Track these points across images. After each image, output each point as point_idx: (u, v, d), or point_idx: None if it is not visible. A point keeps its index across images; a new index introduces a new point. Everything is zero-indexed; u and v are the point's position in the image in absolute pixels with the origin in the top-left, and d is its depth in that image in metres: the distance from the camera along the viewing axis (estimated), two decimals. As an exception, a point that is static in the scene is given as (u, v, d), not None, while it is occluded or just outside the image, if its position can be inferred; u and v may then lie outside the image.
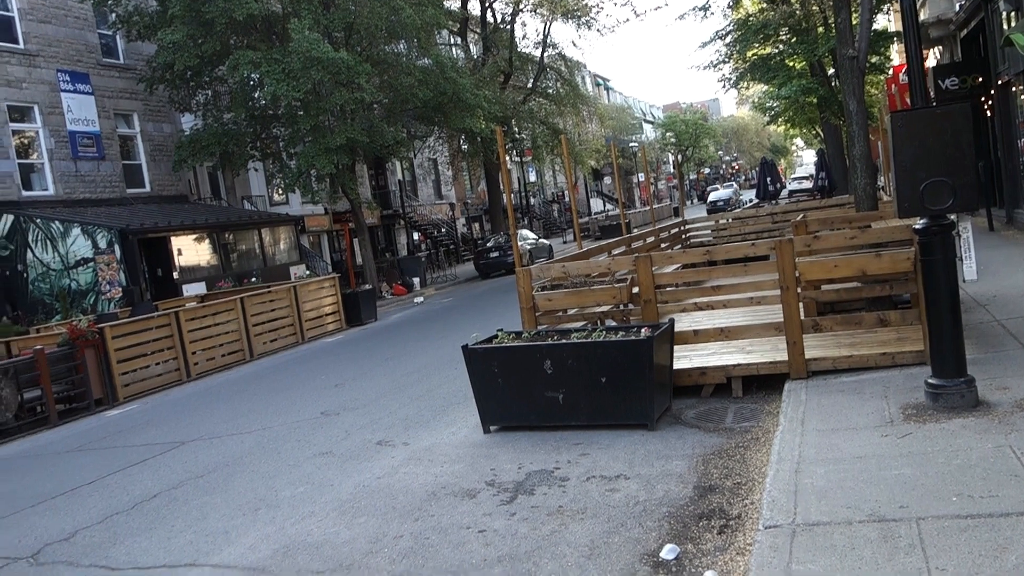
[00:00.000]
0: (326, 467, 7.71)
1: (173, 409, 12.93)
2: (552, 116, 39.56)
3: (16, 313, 21.34)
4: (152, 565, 5.78)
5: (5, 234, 22.56)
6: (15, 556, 6.45)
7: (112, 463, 9.36)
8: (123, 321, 15.95)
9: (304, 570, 5.27)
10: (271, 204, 32.23)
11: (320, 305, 20.54)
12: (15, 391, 12.51)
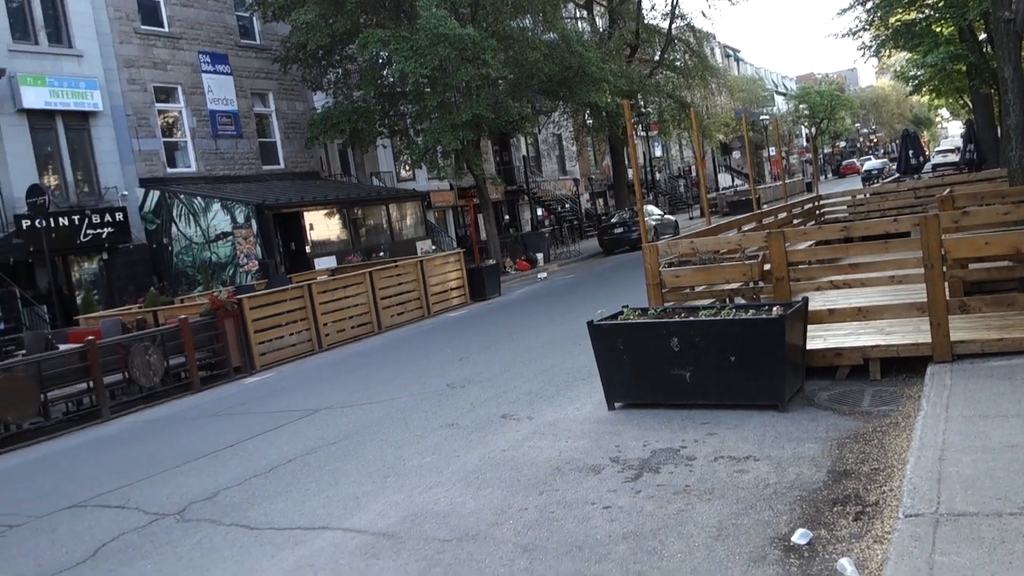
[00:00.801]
0: (452, 438, 7.83)
1: (306, 378, 13.41)
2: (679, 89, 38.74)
3: (162, 284, 22.54)
4: (288, 526, 6.01)
5: (152, 209, 23.83)
6: (164, 512, 6.82)
7: (250, 428, 9.78)
8: (259, 293, 16.62)
9: (431, 538, 5.37)
10: (398, 180, 32.88)
11: (445, 280, 20.85)
12: (162, 358, 13.23)
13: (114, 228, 21.88)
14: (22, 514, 7.46)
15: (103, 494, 7.71)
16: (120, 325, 14.68)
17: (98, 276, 22.83)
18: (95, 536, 6.47)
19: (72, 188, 22.13)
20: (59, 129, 21.79)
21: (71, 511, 7.33)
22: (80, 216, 21.07)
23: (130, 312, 16.99)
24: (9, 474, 9.69)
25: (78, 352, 12.36)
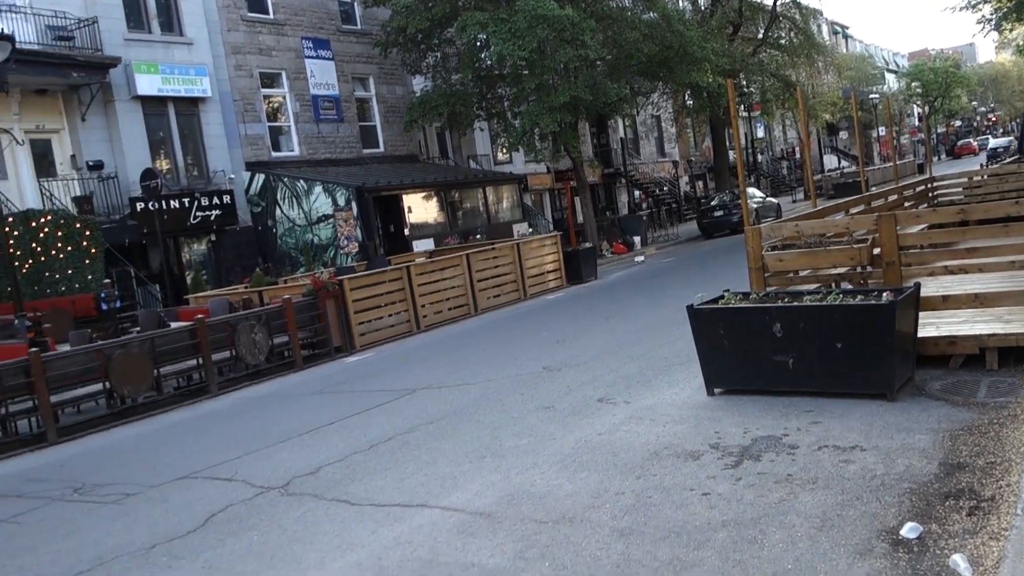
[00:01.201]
0: (548, 421, 7.83)
1: (404, 359, 13.62)
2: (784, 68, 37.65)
3: (267, 265, 23.23)
4: (387, 503, 6.11)
5: (258, 192, 24.53)
6: (269, 486, 7.04)
7: (351, 406, 9.99)
8: (360, 274, 16.94)
9: (528, 519, 5.38)
10: (495, 163, 32.99)
11: (542, 263, 20.85)
12: (267, 336, 13.63)
13: (222, 210, 22.62)
14: (137, 483, 7.81)
15: (212, 467, 8.00)
16: (227, 304, 15.18)
17: (206, 257, 23.67)
18: (205, 507, 6.72)
19: (183, 172, 22.98)
20: (171, 115, 22.63)
21: (182, 482, 7.63)
22: (190, 199, 21.85)
23: (237, 292, 17.57)
24: (125, 445, 10.15)
25: (188, 330, 12.84)
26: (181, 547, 5.86)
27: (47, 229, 18.11)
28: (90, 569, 5.69)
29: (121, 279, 19.61)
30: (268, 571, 5.18)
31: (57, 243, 18.14)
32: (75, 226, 18.41)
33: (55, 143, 21.01)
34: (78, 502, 7.54)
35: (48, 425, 10.84)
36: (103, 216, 20.34)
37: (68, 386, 11.39)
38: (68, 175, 20.65)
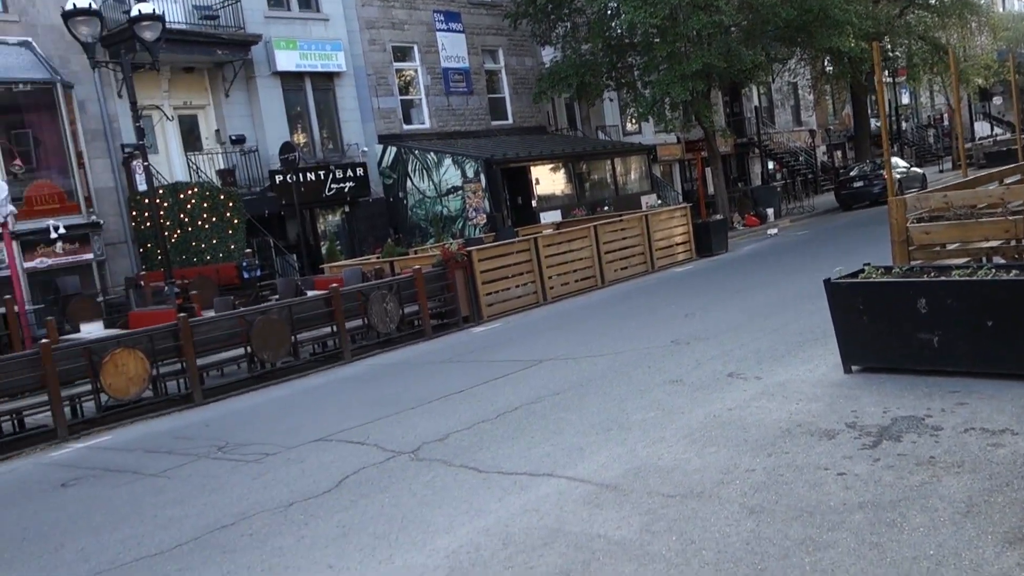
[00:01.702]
0: (676, 394, 7.71)
1: (531, 329, 13.69)
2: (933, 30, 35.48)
3: (398, 236, 23.74)
4: (514, 471, 6.16)
5: (389, 164, 25.06)
6: (400, 451, 7.22)
7: (478, 375, 10.12)
8: (488, 245, 17.09)
9: (655, 492, 5.32)
10: (624, 134, 32.59)
11: (671, 235, 20.51)
12: (398, 306, 13.95)
13: (355, 183, 23.23)
14: (276, 444, 8.16)
15: (345, 430, 8.27)
16: (360, 274, 15.61)
17: (340, 227, 24.40)
18: (339, 468, 6.95)
19: (318, 145, 23.70)
20: (308, 90, 23.34)
21: (317, 444, 7.92)
22: (325, 171, 22.53)
23: (369, 262, 18.05)
24: (265, 407, 10.62)
25: (324, 298, 13.28)
26: (316, 506, 6.09)
27: (194, 201, 19.04)
28: (234, 523, 5.98)
29: (261, 249, 20.46)
30: (399, 533, 5.31)
31: (203, 214, 19.06)
32: (219, 198, 19.28)
33: (201, 118, 22.03)
34: (222, 460, 7.94)
35: (195, 387, 11.45)
36: (245, 188, 21.23)
37: (213, 350, 11.99)
38: (213, 149, 21.64)
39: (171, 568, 5.31)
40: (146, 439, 9.54)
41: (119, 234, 19.81)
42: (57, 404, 10.20)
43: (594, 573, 4.36)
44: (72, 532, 6.40)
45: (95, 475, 8.16)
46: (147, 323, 12.44)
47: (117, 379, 10.58)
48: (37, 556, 5.96)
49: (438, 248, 16.99)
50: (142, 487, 7.41)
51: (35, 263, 17.79)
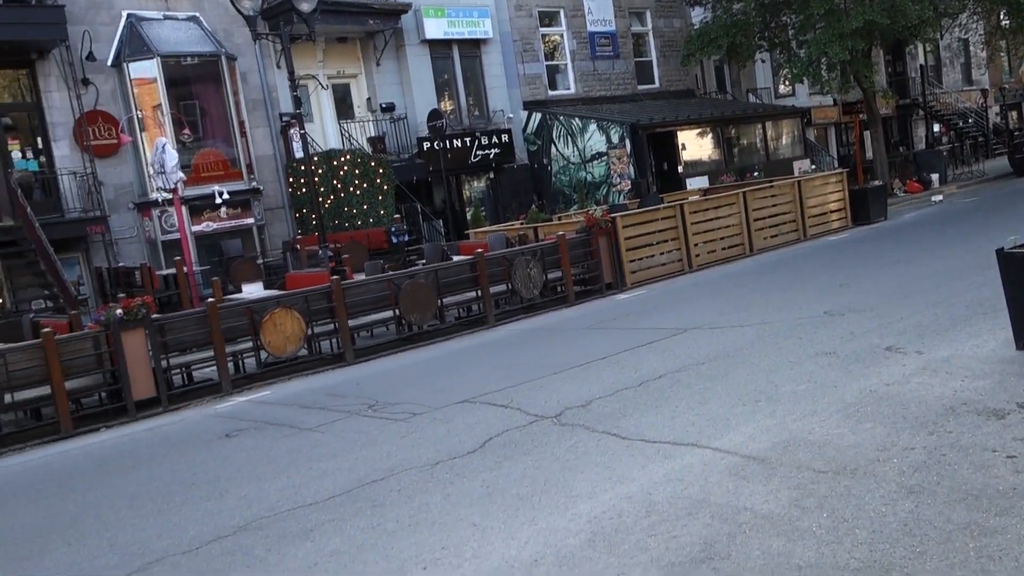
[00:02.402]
0: (829, 367, 7.41)
1: (675, 297, 13.47)
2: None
3: (542, 202, 23.81)
4: (657, 440, 6.09)
5: (534, 130, 25.09)
6: (542, 415, 7.27)
7: (621, 342, 10.05)
8: (632, 212, 16.88)
9: (805, 467, 5.14)
10: (776, 96, 31.42)
11: (824, 201, 19.67)
12: (541, 272, 14.01)
13: (500, 149, 23.41)
14: (423, 404, 8.37)
15: (489, 393, 8.39)
16: (505, 240, 15.75)
17: (485, 193, 24.69)
18: (483, 430, 7.07)
19: (465, 112, 23.97)
20: (455, 57, 23.62)
21: (462, 405, 8.08)
22: (471, 138, 22.81)
23: (513, 228, 18.18)
24: (412, 368, 10.92)
25: (469, 263, 13.48)
26: (462, 466, 6.21)
27: (346, 168, 19.68)
28: (383, 478, 6.19)
29: (409, 214, 20.96)
30: (542, 496, 5.36)
31: (355, 180, 19.68)
32: (370, 164, 19.85)
33: (353, 87, 22.68)
34: (372, 417, 8.22)
35: (346, 347, 11.89)
36: (394, 155, 21.77)
37: (363, 312, 12.40)
38: (364, 117, 22.26)
39: (324, 518, 5.55)
40: (302, 395, 9.99)
41: (277, 200, 20.74)
42: (222, 359, 10.82)
43: (739, 546, 4.26)
44: (236, 480, 6.79)
45: (256, 427, 8.63)
46: (303, 285, 13.00)
47: (275, 337, 11.12)
48: (204, 500, 6.35)
49: (582, 214, 16.92)
50: (299, 440, 7.78)
51: (201, 227, 18.87)
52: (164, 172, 15.39)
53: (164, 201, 17.72)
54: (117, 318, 9.95)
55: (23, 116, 18.92)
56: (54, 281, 16.29)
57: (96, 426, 9.96)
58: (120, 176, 18.95)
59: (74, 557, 5.56)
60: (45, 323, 11.15)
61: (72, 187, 18.26)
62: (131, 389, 10.10)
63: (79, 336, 10.27)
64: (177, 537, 5.62)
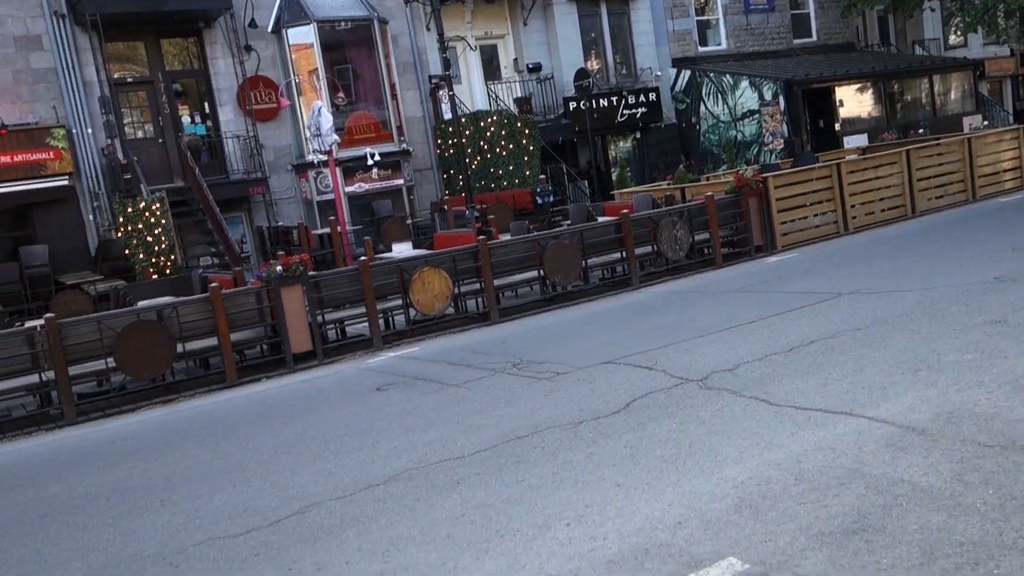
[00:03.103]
0: (998, 336, 6.95)
1: (829, 261, 12.95)
2: None
3: (689, 162, 23.32)
4: (808, 407, 5.91)
5: (683, 89, 24.52)
6: (687, 378, 7.17)
7: (770, 306, 9.76)
8: (785, 172, 16.29)
9: (969, 440, 4.87)
10: (945, 48, 29.45)
11: (997, 160, 18.36)
12: (688, 233, 13.74)
13: (647, 108, 23.02)
14: (566, 364, 8.42)
15: (632, 355, 8.34)
16: (651, 200, 15.53)
17: (631, 154, 24.38)
18: (626, 391, 7.05)
19: (612, 71, 23.68)
20: (602, 14, 23.30)
21: (605, 366, 8.07)
22: (618, 97, 22.52)
23: (659, 188, 17.89)
24: (555, 328, 10.98)
25: (614, 224, 13.37)
26: (605, 426, 6.22)
27: (493, 129, 19.84)
28: (528, 435, 6.27)
29: (554, 175, 20.97)
30: (686, 459, 5.30)
31: (501, 141, 19.82)
32: (516, 125, 19.94)
33: (500, 48, 22.77)
34: (516, 376, 8.33)
35: (491, 306, 12.07)
36: (540, 115, 21.77)
37: (508, 272, 12.54)
38: (511, 78, 22.34)
39: (470, 472, 5.69)
40: (448, 352, 10.24)
41: (425, 161, 21.18)
42: (373, 316, 11.21)
43: (895, 519, 4.08)
44: (386, 431, 7.05)
45: (405, 382, 8.91)
46: (450, 244, 13.26)
47: (424, 295, 11.42)
48: (357, 450, 6.63)
49: (731, 175, 16.46)
50: (445, 396, 7.99)
51: (354, 187, 19.53)
52: (320, 135, 15.98)
53: (319, 163, 18.43)
54: (277, 275, 10.46)
55: (192, 83, 20.02)
56: (220, 239, 17.27)
57: (257, 376, 10.54)
58: (279, 139, 19.81)
59: (239, 498, 5.92)
60: (212, 278, 11.85)
61: (236, 150, 19.24)
62: (289, 342, 10.62)
63: (243, 291, 10.86)
64: (332, 484, 5.89)
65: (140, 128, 19.32)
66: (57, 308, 12.58)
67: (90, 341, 9.69)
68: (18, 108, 17.46)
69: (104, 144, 17.86)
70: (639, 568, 3.98)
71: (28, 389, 9.95)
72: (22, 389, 9.90)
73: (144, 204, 16.24)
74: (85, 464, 7.66)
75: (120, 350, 9.65)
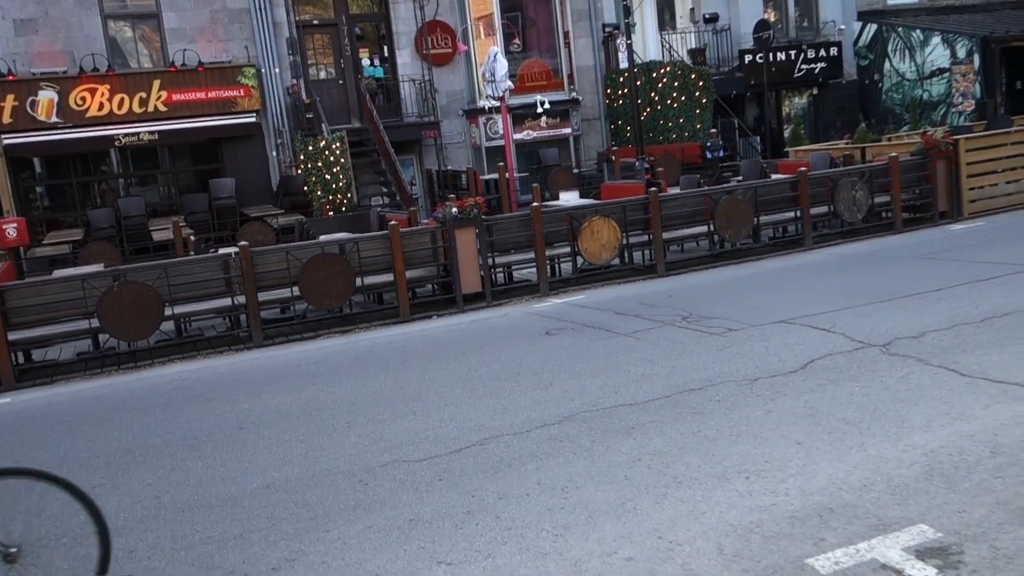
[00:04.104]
0: None
1: (1022, 232, 12.15)
2: None
3: (869, 121, 22.20)
4: (1004, 380, 5.63)
5: (867, 43, 23.27)
6: (868, 343, 6.96)
7: (957, 275, 9.28)
8: (978, 135, 15.28)
9: None
10: None
11: None
12: (867, 195, 13.16)
13: (827, 63, 22.02)
14: (738, 320, 8.32)
15: (808, 316, 8.14)
16: (829, 159, 14.93)
17: (805, 111, 23.44)
18: (803, 351, 6.91)
19: (792, 23, 22.74)
20: (786, -37, 22.31)
21: (780, 325, 7.92)
22: (796, 51, 21.64)
23: (837, 147, 17.16)
24: (724, 284, 10.83)
25: (789, 182, 12.97)
26: (782, 384, 6.14)
27: (665, 80, 19.50)
28: (701, 388, 6.28)
29: (724, 130, 20.45)
30: (870, 423, 5.18)
31: (672, 93, 19.47)
32: (690, 77, 19.50)
33: (677, -3, 22.24)
34: (686, 329, 8.31)
35: (659, 259, 12.00)
36: (713, 68, 21.20)
37: (677, 226, 12.41)
38: (686, 28, 21.83)
39: (646, 418, 5.76)
40: (615, 302, 10.28)
41: (594, 110, 21.09)
42: (542, 262, 11.38)
43: (1106, 503, 3.89)
44: (558, 374, 7.20)
45: (573, 328, 9.04)
46: (617, 195, 13.23)
47: (592, 244, 11.48)
48: (531, 389, 6.82)
49: (917, 135, 15.58)
50: (615, 344, 8.06)
51: (522, 135, 19.71)
52: (494, 80, 16.17)
53: (491, 109, 18.67)
54: (453, 216, 10.76)
55: (371, 26, 20.62)
56: (393, 180, 17.87)
57: (428, 314, 10.94)
58: (452, 84, 20.17)
59: (419, 426, 6.22)
60: (389, 217, 12.31)
61: (411, 93, 19.75)
62: (460, 283, 10.95)
63: (419, 231, 11.25)
64: (508, 419, 6.10)
65: (322, 69, 20.11)
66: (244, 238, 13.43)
67: (277, 270, 10.31)
68: (213, 47, 18.49)
69: (289, 84, 18.70)
70: (823, 526, 3.96)
71: (220, 311, 10.73)
72: (215, 311, 10.70)
73: (324, 143, 16.95)
74: (273, 384, 8.22)
75: (304, 280, 10.22)
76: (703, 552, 3.87)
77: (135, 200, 17.51)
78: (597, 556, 3.95)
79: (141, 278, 9.79)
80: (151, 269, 10.08)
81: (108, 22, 18.15)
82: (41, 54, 17.42)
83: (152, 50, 18.69)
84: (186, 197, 18.26)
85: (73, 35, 17.61)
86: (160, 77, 17.74)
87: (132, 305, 9.57)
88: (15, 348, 9.66)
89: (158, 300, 9.72)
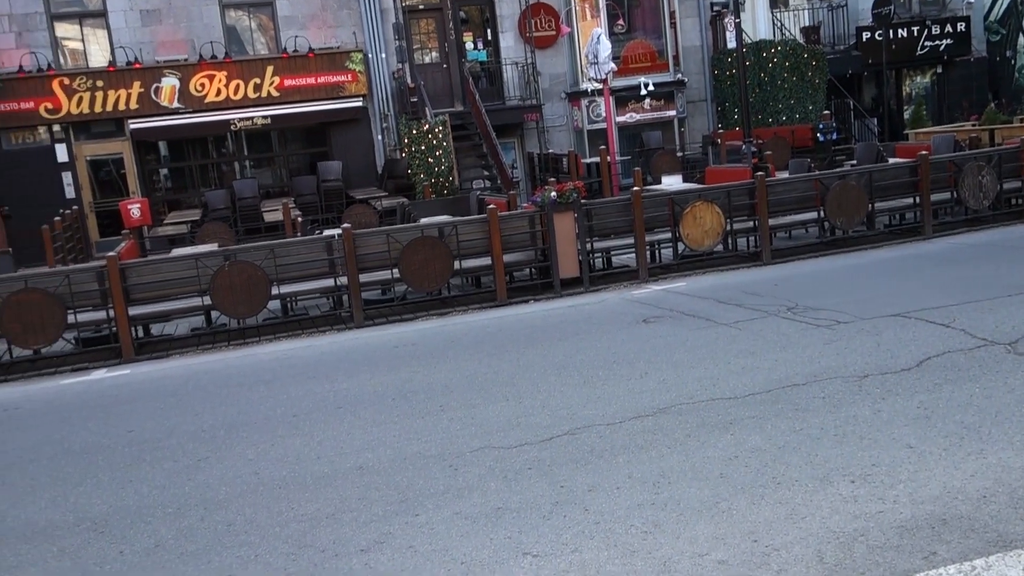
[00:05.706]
0: None
1: None
2: None
3: (999, 100, 20.93)
4: None
5: (999, 17, 21.93)
6: (992, 340, 6.50)
7: (1094, 268, 8.62)
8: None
9: None
10: None
11: None
12: (996, 180, 12.38)
13: (953, 40, 20.86)
14: (848, 313, 7.92)
15: (925, 309, 7.69)
16: (953, 142, 14.13)
17: (928, 90, 22.30)
18: (919, 348, 6.51)
19: (916, -2, 21.60)
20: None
21: (894, 319, 7.50)
22: (920, 27, 20.57)
23: (963, 129, 16.25)
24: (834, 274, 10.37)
25: (908, 167, 12.32)
26: (894, 382, 5.79)
27: (775, 60, 18.84)
28: (805, 383, 5.98)
29: (838, 111, 19.63)
30: (992, 428, 4.82)
31: (783, 73, 18.79)
32: (802, 56, 18.79)
33: (790, -26, 21.42)
34: (791, 320, 7.96)
35: (764, 246, 11.58)
36: (828, 46, 20.37)
37: (784, 212, 11.95)
38: (799, 5, 21.02)
39: (744, 414, 5.52)
40: (717, 290, 9.96)
41: (700, 92, 20.56)
42: (641, 247, 11.13)
43: None
44: (655, 363, 7.00)
45: (672, 316, 8.80)
46: (722, 179, 12.83)
47: (694, 230, 11.17)
48: (625, 379, 6.65)
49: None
50: (715, 334, 7.79)
51: (625, 117, 19.39)
52: (597, 62, 15.91)
53: (593, 91, 18.40)
54: (552, 201, 10.62)
55: (476, 10, 20.59)
56: (494, 163, 17.84)
57: (525, 298, 10.84)
58: (555, 66, 19.98)
59: (511, 412, 6.14)
60: (489, 200, 12.26)
61: (514, 76, 19.65)
62: (558, 267, 10.81)
63: (517, 214, 11.16)
64: (601, 409, 5.96)
65: (427, 53, 20.22)
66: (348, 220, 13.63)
67: (378, 252, 10.40)
68: (323, 33, 18.81)
69: (395, 68, 18.87)
70: (936, 539, 3.69)
71: (323, 292, 10.90)
72: (319, 291, 10.88)
73: (428, 127, 17.04)
74: (371, 364, 8.28)
75: (404, 262, 10.28)
76: (801, 559, 3.66)
77: (249, 182, 18.03)
78: (688, 557, 3.79)
79: (250, 258, 10.02)
80: (259, 250, 10.31)
81: (226, 11, 18.68)
82: (164, 43, 18.08)
83: (267, 37, 19.15)
84: (296, 179, 18.70)
85: (193, 24, 18.21)
86: (273, 63, 18.20)
87: (242, 284, 9.83)
88: (135, 323, 10.04)
89: (266, 280, 9.93)
